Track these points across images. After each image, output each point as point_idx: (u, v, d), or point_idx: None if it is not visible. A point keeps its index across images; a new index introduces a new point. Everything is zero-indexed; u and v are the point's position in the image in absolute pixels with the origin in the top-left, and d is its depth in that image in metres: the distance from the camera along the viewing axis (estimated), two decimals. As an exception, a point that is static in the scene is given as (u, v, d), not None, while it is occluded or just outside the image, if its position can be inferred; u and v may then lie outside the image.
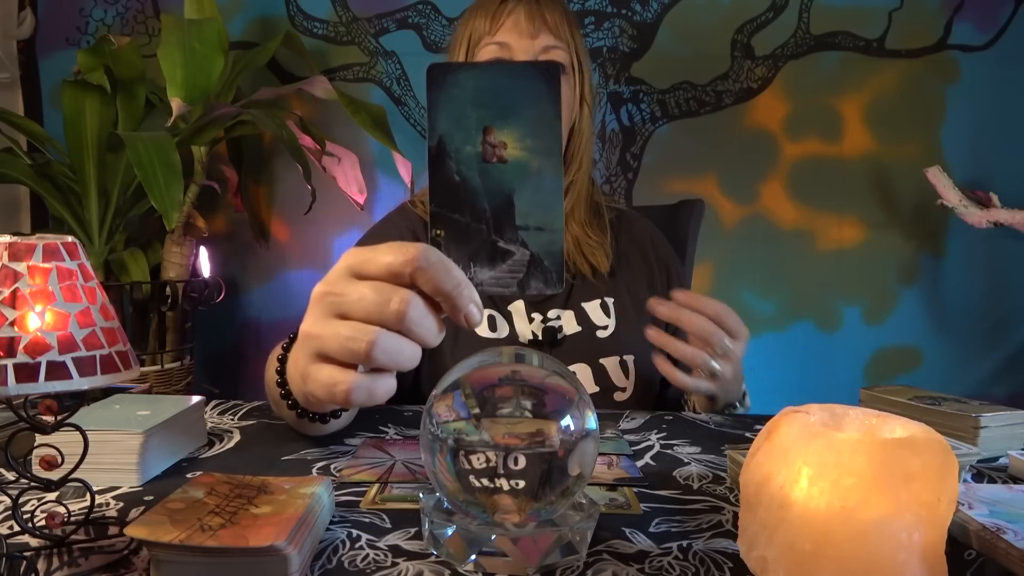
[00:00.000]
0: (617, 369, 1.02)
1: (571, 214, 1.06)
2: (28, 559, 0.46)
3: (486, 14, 1.00)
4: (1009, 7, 1.72)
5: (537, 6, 0.99)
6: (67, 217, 1.56)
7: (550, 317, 1.04)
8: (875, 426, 0.48)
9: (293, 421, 0.70)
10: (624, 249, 1.11)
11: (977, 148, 1.74)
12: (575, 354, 1.02)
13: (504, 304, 1.04)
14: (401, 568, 0.46)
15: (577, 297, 1.05)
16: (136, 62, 1.55)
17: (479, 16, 1.01)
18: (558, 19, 0.99)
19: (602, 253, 1.06)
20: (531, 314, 1.04)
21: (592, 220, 1.09)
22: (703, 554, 0.50)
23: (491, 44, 0.99)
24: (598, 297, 1.06)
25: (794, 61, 1.75)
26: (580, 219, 1.06)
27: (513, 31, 0.98)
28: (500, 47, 0.98)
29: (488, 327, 1.02)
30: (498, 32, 0.98)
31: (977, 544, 0.51)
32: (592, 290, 1.06)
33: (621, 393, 1.01)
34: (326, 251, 1.79)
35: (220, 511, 0.47)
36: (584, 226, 1.07)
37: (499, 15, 0.99)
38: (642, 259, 1.11)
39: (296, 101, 1.76)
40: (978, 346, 1.78)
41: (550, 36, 0.98)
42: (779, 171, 1.77)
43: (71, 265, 0.47)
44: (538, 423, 0.47)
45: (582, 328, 1.03)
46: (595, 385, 1.00)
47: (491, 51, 0.99)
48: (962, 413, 0.75)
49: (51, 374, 0.44)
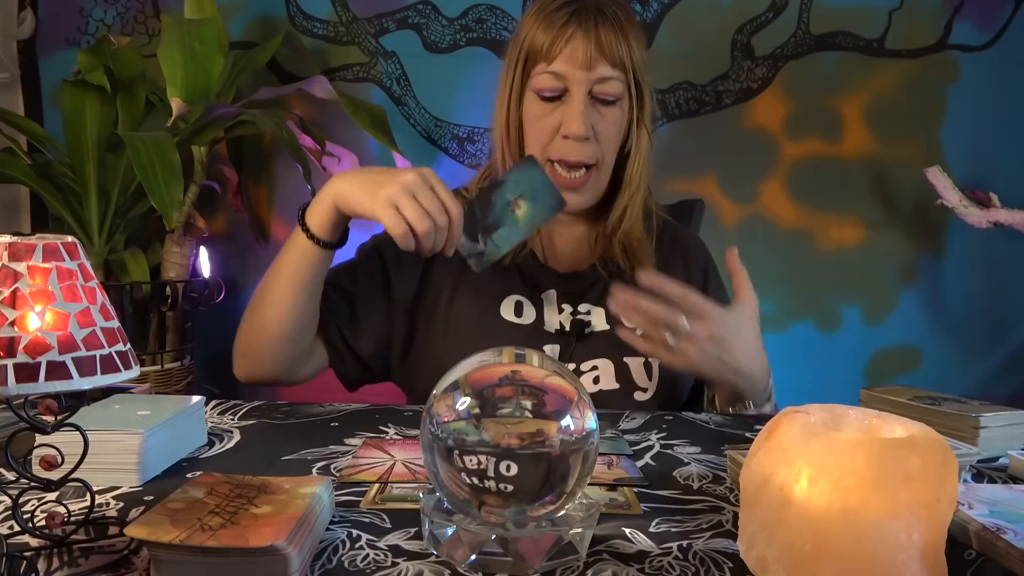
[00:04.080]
0: (641, 369, 1.02)
1: (629, 232, 1.06)
2: (28, 559, 0.46)
3: (546, 33, 0.97)
4: (1009, 7, 1.72)
5: (595, 30, 0.95)
6: (67, 217, 1.56)
7: (580, 311, 1.04)
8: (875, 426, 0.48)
9: (294, 269, 0.91)
10: (666, 255, 1.12)
11: (977, 148, 1.74)
12: (600, 349, 1.02)
13: (537, 292, 1.05)
14: (401, 568, 0.46)
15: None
16: (136, 62, 1.55)
17: (540, 32, 0.98)
18: (616, 41, 0.96)
19: (647, 260, 1.07)
20: (562, 305, 1.04)
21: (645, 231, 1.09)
22: (703, 554, 0.50)
23: (546, 73, 0.97)
24: None
25: (794, 61, 1.75)
26: (638, 235, 1.07)
27: (569, 61, 0.96)
28: (555, 77, 0.97)
29: (514, 312, 1.03)
30: (554, 61, 0.96)
31: (977, 544, 0.51)
32: None
33: (642, 393, 1.01)
34: (326, 251, 1.79)
35: (220, 511, 0.47)
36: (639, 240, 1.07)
37: (558, 41, 0.96)
38: (682, 265, 1.12)
39: (296, 101, 1.76)
40: (978, 346, 1.78)
41: (606, 66, 0.96)
42: (779, 171, 1.77)
43: (71, 265, 0.47)
44: (538, 423, 0.47)
45: (611, 326, 1.03)
46: (616, 382, 1.00)
47: (545, 80, 0.97)
48: (962, 413, 0.75)
49: (51, 374, 0.44)
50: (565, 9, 0.97)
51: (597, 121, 0.98)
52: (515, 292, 1.04)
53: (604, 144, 1.00)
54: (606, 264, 1.07)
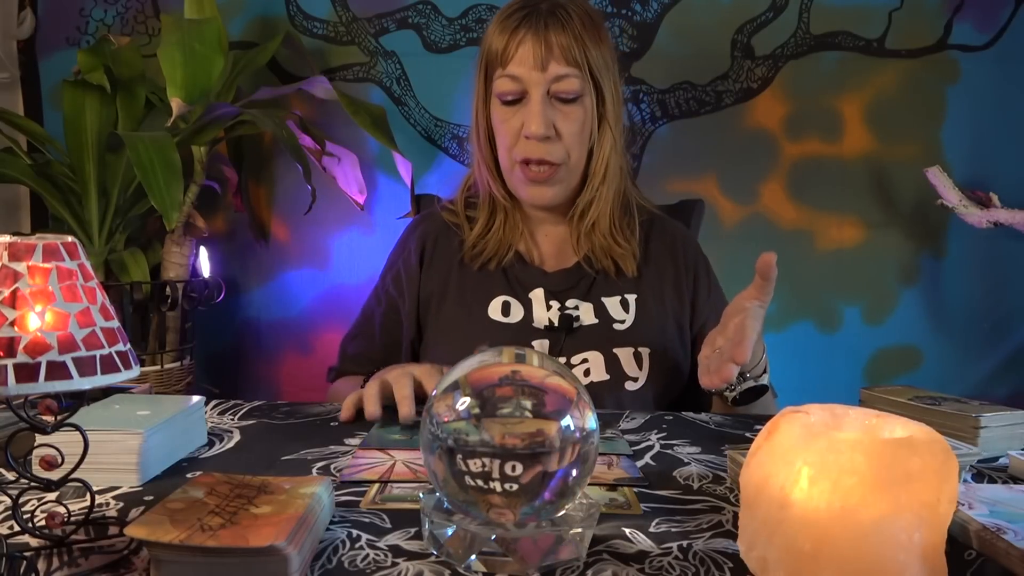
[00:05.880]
0: (630, 359, 1.03)
1: (595, 225, 1.08)
2: (28, 559, 0.46)
3: (501, 37, 1.00)
4: (1009, 7, 1.72)
5: (544, 32, 0.97)
6: (67, 217, 1.56)
7: (568, 307, 1.06)
8: (875, 426, 0.48)
9: None
10: (653, 251, 1.13)
11: (977, 148, 1.74)
12: (589, 342, 1.04)
13: (524, 291, 1.07)
14: (401, 568, 0.46)
15: (598, 292, 1.08)
16: (136, 62, 1.55)
17: (495, 39, 1.01)
18: (568, 42, 0.97)
19: (629, 256, 1.08)
20: (549, 302, 1.06)
21: (623, 224, 1.10)
22: (703, 554, 0.50)
23: (503, 77, 1.00)
24: (619, 294, 1.08)
25: (794, 61, 1.75)
26: (605, 228, 1.08)
27: (523, 63, 0.98)
28: (512, 80, 0.99)
29: (501, 312, 1.05)
30: (509, 64, 0.99)
31: (977, 544, 0.51)
32: (614, 287, 1.09)
33: (633, 383, 1.03)
34: (326, 251, 1.79)
35: (220, 511, 0.47)
36: (612, 232, 1.09)
37: (511, 44, 0.98)
38: (671, 261, 1.13)
39: (296, 101, 1.76)
40: (978, 346, 1.77)
41: (561, 64, 0.98)
42: (779, 171, 1.77)
43: (71, 265, 0.47)
44: (538, 423, 0.47)
45: (599, 320, 1.05)
46: (606, 373, 1.02)
47: (504, 84, 1.00)
48: (962, 413, 0.75)
49: (51, 374, 0.44)
50: (517, 14, 1.00)
51: (558, 120, 1.00)
52: (502, 293, 1.07)
53: (568, 141, 1.01)
54: (590, 261, 1.09)
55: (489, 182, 1.09)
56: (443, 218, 1.15)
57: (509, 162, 1.03)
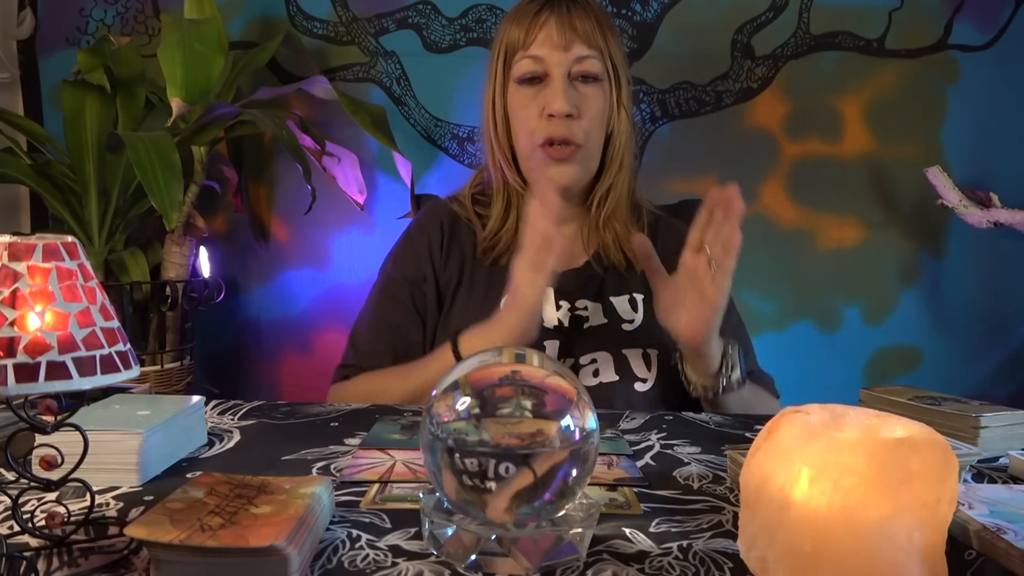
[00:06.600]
0: (639, 360, 1.04)
1: (613, 213, 1.09)
2: (28, 559, 0.46)
3: (520, 26, 1.02)
4: (1009, 7, 1.72)
5: (568, 16, 1.00)
6: (67, 217, 1.56)
7: (578, 307, 1.07)
8: (875, 426, 0.48)
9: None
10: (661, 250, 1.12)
11: (977, 148, 1.74)
12: (598, 342, 1.04)
13: None
14: (401, 568, 0.46)
15: (606, 291, 1.09)
16: (136, 62, 1.55)
17: (514, 27, 1.03)
18: (590, 27, 1.01)
19: None
20: (559, 302, 1.06)
21: (632, 220, 1.12)
22: (703, 554, 0.50)
23: (525, 58, 1.02)
24: (627, 292, 1.09)
25: (794, 61, 1.75)
26: (622, 217, 1.10)
27: (546, 44, 1.00)
28: (534, 60, 1.01)
29: None
30: (531, 46, 1.01)
31: (977, 544, 0.51)
32: (622, 285, 1.09)
33: (641, 384, 1.03)
34: (326, 251, 1.79)
35: (220, 511, 0.47)
36: (625, 224, 1.11)
37: (532, 28, 1.01)
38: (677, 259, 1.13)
39: (296, 101, 1.76)
40: (978, 346, 1.77)
41: (583, 46, 1.00)
42: (779, 171, 1.77)
43: (71, 265, 0.47)
44: (538, 423, 0.47)
45: (608, 320, 1.06)
46: (615, 374, 1.03)
47: (525, 65, 1.02)
48: (962, 413, 0.75)
49: (51, 374, 0.44)
50: (537, 2, 1.02)
51: (579, 100, 1.01)
52: None
53: (588, 122, 1.02)
54: (600, 260, 1.10)
55: (504, 170, 1.09)
56: (454, 210, 1.15)
57: (530, 146, 1.03)
